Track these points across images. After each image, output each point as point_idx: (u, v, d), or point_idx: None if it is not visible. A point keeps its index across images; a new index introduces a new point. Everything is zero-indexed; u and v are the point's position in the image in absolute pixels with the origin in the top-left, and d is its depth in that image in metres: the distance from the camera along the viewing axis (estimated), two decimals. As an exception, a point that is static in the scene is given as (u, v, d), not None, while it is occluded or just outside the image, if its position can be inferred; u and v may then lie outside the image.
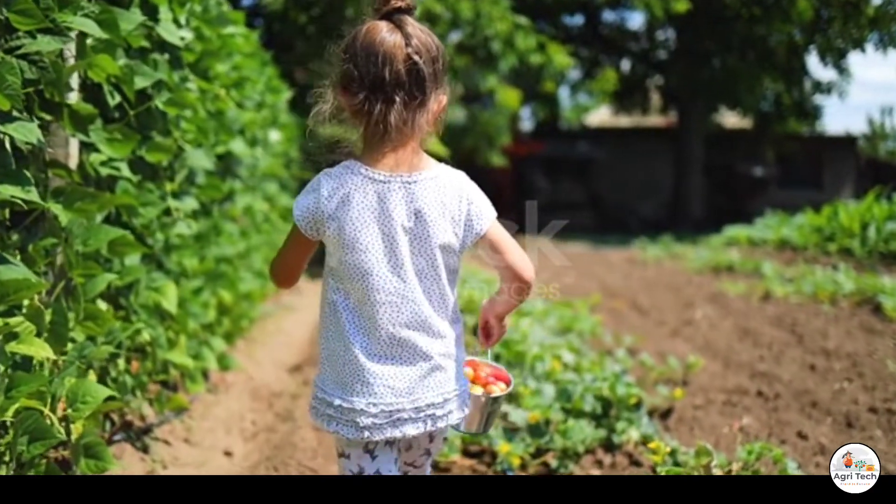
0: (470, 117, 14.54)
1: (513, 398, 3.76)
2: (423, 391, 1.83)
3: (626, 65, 23.75)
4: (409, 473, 2.04)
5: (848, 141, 26.47)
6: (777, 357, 5.33)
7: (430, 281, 1.84)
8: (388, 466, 1.89)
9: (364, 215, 1.78)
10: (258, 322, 6.69)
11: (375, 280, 1.79)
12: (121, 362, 3.26)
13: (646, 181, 24.50)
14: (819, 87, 22.57)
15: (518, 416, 3.30)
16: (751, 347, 5.71)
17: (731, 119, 24.45)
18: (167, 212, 3.79)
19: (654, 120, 25.87)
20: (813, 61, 22.49)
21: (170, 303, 3.30)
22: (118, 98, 3.24)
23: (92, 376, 2.97)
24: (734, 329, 6.44)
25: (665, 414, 4.01)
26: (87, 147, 3.16)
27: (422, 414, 1.84)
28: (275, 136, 5.58)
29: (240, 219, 6.57)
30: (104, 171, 3.20)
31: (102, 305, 3.26)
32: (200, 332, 4.43)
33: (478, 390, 2.03)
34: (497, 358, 3.95)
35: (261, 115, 5.83)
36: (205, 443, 3.66)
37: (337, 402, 1.82)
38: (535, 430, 3.16)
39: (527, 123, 24.60)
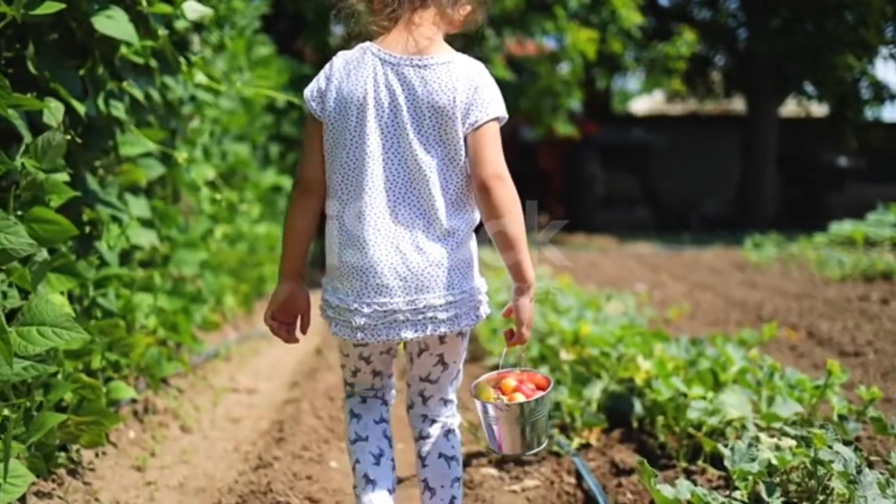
0: (527, 74, 11.44)
1: None
2: (421, 291, 1.67)
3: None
4: (426, 392, 1.84)
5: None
6: None
7: (434, 171, 1.66)
8: (386, 368, 1.86)
9: (369, 99, 1.68)
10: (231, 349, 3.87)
11: (371, 167, 1.66)
12: None
13: (707, 174, 21.47)
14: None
15: None
16: None
17: (809, 105, 21.24)
18: None
19: (711, 107, 22.77)
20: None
21: None
22: None
23: None
24: None
25: None
26: None
27: (420, 316, 1.67)
28: (195, 8, 2.73)
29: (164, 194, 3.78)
30: None
31: None
32: None
33: (502, 398, 1.73)
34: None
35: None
36: None
37: (335, 301, 1.72)
38: None
39: (574, 103, 21.26)
